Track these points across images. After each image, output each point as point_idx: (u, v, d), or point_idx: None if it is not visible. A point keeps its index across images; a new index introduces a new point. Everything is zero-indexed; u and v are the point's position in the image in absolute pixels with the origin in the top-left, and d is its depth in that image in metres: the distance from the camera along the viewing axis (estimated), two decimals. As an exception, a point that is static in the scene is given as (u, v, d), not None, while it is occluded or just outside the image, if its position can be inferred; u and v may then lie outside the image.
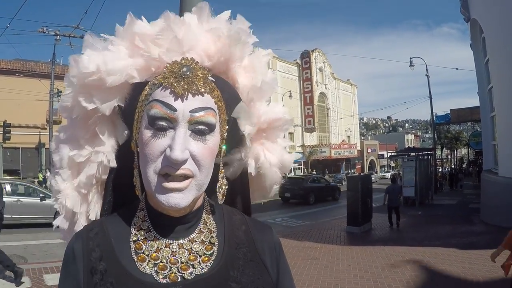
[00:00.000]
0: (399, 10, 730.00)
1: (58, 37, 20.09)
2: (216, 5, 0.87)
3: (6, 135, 23.47)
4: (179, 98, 0.75)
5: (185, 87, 0.75)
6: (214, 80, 0.81)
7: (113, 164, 0.86)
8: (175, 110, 0.74)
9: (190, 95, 0.75)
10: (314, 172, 40.12)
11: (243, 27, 0.87)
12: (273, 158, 0.98)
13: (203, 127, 0.76)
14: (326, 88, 52.98)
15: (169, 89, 0.75)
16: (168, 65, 0.78)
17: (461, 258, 7.52)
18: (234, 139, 0.91)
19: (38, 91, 25.40)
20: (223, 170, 0.88)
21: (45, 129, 26.57)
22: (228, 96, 0.84)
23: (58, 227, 0.93)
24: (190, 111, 0.75)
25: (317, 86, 50.58)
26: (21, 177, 27.37)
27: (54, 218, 0.93)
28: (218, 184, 0.86)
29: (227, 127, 0.85)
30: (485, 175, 13.78)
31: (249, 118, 0.90)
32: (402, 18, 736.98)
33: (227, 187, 0.88)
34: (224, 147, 0.85)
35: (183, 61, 0.78)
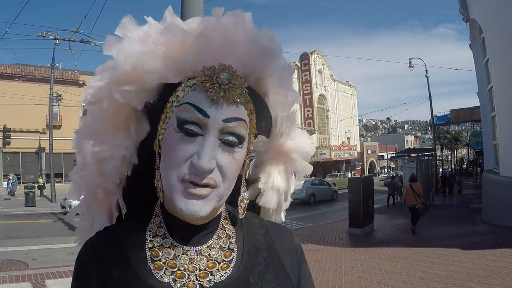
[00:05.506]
0: (395, 11, 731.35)
1: (57, 41, 20.11)
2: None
3: (6, 139, 23.48)
4: (214, 105, 0.71)
5: (221, 94, 0.71)
6: (247, 90, 0.77)
7: (135, 160, 0.82)
8: (207, 116, 0.71)
9: (225, 104, 0.72)
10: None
11: (274, 40, 0.83)
12: (279, 182, 0.91)
13: (233, 138, 0.73)
14: (325, 90, 52.98)
15: (204, 94, 0.72)
16: (205, 68, 0.74)
17: (464, 258, 7.49)
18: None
19: (37, 95, 25.36)
20: (245, 184, 0.84)
21: (45, 133, 26.55)
22: (259, 110, 0.81)
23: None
24: (223, 120, 0.71)
25: (317, 88, 50.58)
26: (21, 181, 27.36)
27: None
28: (240, 198, 0.82)
29: (253, 140, 0.83)
30: (486, 175, 13.78)
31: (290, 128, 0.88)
32: (399, 19, 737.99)
33: (248, 201, 0.84)
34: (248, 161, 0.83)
35: (221, 67, 0.74)
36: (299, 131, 0.95)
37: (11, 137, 23.83)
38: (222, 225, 0.84)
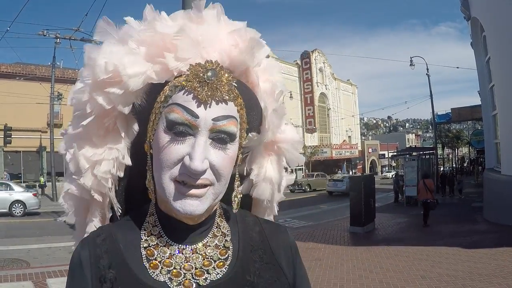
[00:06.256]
0: (395, 10, 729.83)
1: (58, 40, 20.06)
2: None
3: (7, 138, 23.48)
4: (202, 105, 0.70)
5: (209, 93, 0.71)
6: (236, 85, 0.76)
7: (128, 161, 0.81)
8: (197, 117, 0.70)
9: (213, 102, 0.71)
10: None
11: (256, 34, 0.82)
12: (271, 172, 0.91)
13: (224, 135, 0.72)
14: (326, 89, 53.02)
15: (192, 94, 0.71)
16: (191, 66, 0.72)
17: (465, 257, 7.48)
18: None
19: (38, 94, 25.42)
20: (239, 179, 0.84)
21: (46, 132, 26.63)
22: (249, 103, 0.80)
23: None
24: (213, 119, 0.71)
25: (318, 86, 50.62)
26: (22, 180, 27.40)
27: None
28: (234, 193, 0.82)
29: (245, 135, 0.81)
30: (488, 174, 13.75)
31: (279, 122, 0.88)
32: (399, 18, 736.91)
33: (241, 195, 0.84)
34: (240, 155, 0.82)
35: (208, 64, 0.73)
36: (287, 125, 0.95)
37: (12, 136, 23.84)
38: (217, 223, 0.83)
